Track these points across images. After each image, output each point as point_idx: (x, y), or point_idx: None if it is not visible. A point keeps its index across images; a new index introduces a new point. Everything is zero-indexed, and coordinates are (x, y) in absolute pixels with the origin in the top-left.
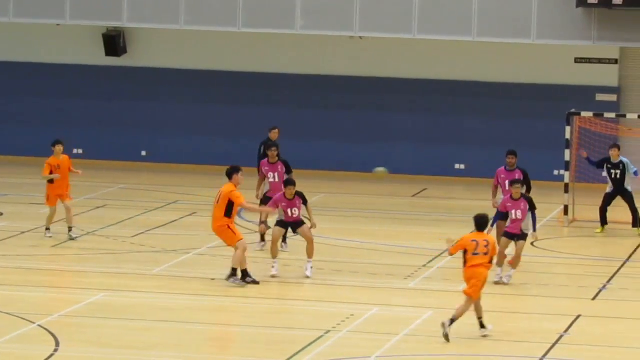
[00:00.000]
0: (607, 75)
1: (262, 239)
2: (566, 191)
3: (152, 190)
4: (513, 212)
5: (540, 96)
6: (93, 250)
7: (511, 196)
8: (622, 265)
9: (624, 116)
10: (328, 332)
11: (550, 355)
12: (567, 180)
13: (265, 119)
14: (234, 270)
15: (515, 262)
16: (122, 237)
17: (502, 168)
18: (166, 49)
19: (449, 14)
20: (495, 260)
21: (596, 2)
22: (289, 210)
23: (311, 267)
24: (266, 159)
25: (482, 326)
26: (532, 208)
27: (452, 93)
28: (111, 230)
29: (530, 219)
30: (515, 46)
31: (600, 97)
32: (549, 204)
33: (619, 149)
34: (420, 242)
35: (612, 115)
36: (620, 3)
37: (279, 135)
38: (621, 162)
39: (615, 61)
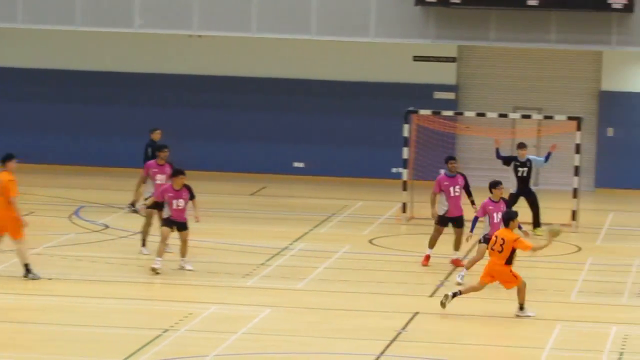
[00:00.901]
0: (445, 74)
1: (144, 243)
2: (404, 189)
3: None
4: (495, 215)
5: (379, 94)
6: None
7: (491, 199)
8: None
9: (462, 114)
10: (166, 331)
11: (388, 352)
12: (405, 177)
13: (101, 117)
14: (27, 266)
15: None
16: None
17: (443, 175)
18: (3, 48)
19: (287, 12)
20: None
21: (434, 0)
22: (174, 202)
23: (188, 262)
24: (154, 161)
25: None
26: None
27: (291, 92)
28: None
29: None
30: (354, 44)
31: (438, 95)
32: (387, 201)
33: (526, 148)
34: (259, 241)
35: (450, 113)
36: (458, 2)
37: (161, 135)
38: (528, 160)
39: (453, 59)
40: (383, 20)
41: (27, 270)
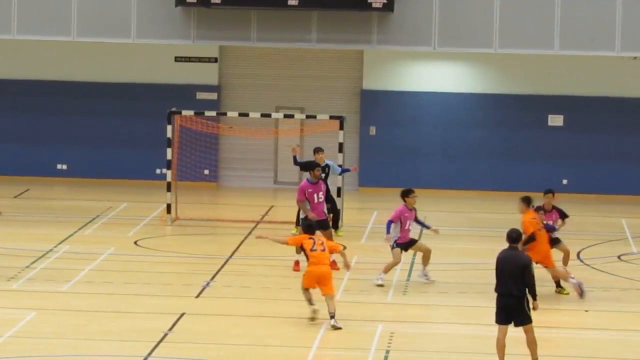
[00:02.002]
0: (207, 74)
1: None
2: (168, 190)
3: None
4: (408, 222)
5: (141, 95)
6: None
7: (407, 206)
8: (225, 263)
9: (225, 114)
10: None
11: (155, 353)
12: (169, 178)
13: None
14: None
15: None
16: None
17: (306, 182)
18: None
19: (48, 13)
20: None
21: (194, 1)
22: None
23: None
24: None
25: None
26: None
27: (54, 93)
28: None
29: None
30: (115, 45)
31: (201, 95)
32: (151, 202)
33: (324, 152)
34: (23, 243)
35: (213, 113)
36: (219, 2)
37: None
38: (327, 165)
39: (215, 60)
40: (144, 21)
41: None
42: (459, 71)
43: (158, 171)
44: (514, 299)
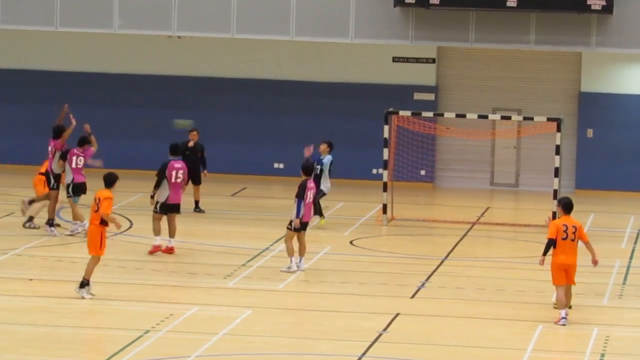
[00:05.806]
0: (424, 75)
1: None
2: (385, 190)
3: None
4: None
5: (359, 95)
6: None
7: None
8: (440, 264)
9: (442, 115)
10: (147, 331)
11: (370, 353)
12: (385, 179)
13: (85, 118)
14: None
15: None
16: None
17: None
18: None
19: (267, 13)
20: None
21: (413, 1)
22: None
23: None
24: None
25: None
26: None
27: (271, 93)
28: None
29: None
30: (333, 45)
31: (418, 96)
32: (367, 202)
33: (328, 145)
34: (239, 241)
35: (430, 114)
36: (437, 3)
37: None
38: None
39: (433, 60)
40: (362, 21)
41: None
42: None
43: (374, 171)
44: None
